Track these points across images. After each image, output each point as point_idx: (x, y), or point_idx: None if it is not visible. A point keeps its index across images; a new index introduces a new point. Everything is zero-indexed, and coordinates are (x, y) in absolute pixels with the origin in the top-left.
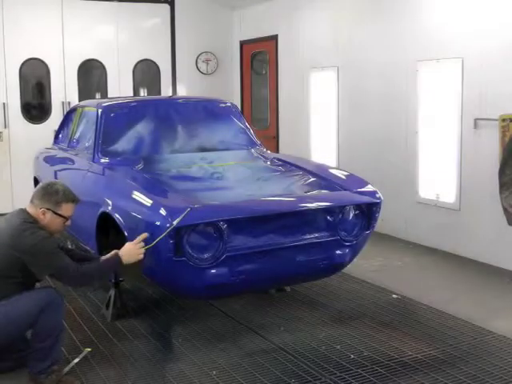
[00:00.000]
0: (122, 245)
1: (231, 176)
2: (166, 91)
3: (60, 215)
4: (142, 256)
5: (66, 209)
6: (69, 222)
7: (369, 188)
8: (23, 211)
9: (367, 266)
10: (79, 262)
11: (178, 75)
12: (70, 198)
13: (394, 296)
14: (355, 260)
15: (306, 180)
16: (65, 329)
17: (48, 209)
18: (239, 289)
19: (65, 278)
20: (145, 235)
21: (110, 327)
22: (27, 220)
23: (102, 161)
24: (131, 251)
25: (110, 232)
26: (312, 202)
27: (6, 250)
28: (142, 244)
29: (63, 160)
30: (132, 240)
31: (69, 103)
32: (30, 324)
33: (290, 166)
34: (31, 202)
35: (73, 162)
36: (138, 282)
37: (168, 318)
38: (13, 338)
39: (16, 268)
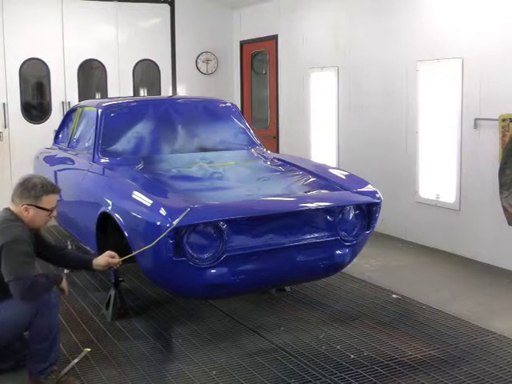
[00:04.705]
0: (122, 245)
1: (231, 176)
2: (166, 91)
3: (43, 208)
4: (107, 266)
5: (48, 201)
6: (54, 213)
7: (369, 188)
8: (6, 210)
9: (367, 266)
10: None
11: (178, 75)
12: (49, 189)
13: (393, 296)
14: (355, 260)
15: (306, 180)
16: (61, 329)
17: (30, 204)
18: (239, 289)
19: (18, 289)
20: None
21: (110, 327)
22: (7, 218)
23: (102, 161)
24: (102, 259)
25: (110, 232)
26: (312, 202)
27: None
28: (116, 260)
29: (63, 160)
30: (132, 240)
31: (69, 103)
32: (27, 325)
33: (289, 166)
34: (12, 200)
35: (73, 162)
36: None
37: (168, 318)
38: (10, 339)
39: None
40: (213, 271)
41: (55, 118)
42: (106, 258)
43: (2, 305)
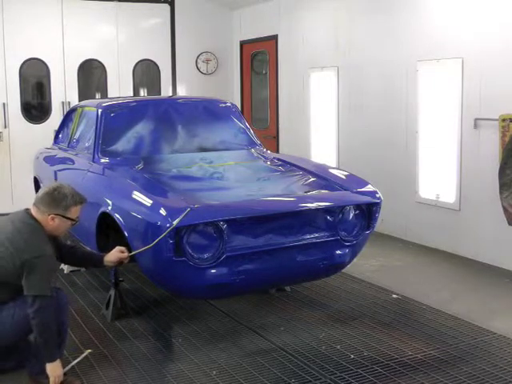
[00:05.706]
0: (122, 245)
1: (231, 176)
2: (166, 91)
3: (69, 218)
4: (118, 261)
5: (75, 211)
6: (77, 222)
7: (369, 188)
8: (29, 216)
9: (367, 266)
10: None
11: (178, 75)
12: (79, 200)
13: (394, 296)
14: (355, 260)
15: (306, 180)
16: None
17: (57, 214)
18: (239, 289)
19: (35, 306)
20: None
21: (110, 327)
22: (31, 226)
23: (102, 161)
24: (113, 255)
25: (110, 232)
26: (312, 202)
27: (14, 255)
28: (126, 254)
29: (63, 160)
30: (132, 240)
31: (69, 103)
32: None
33: (289, 166)
34: (36, 207)
35: (73, 162)
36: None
37: (168, 317)
38: (17, 339)
39: (21, 274)
40: (213, 271)
41: (55, 117)
42: (116, 254)
43: (15, 303)
